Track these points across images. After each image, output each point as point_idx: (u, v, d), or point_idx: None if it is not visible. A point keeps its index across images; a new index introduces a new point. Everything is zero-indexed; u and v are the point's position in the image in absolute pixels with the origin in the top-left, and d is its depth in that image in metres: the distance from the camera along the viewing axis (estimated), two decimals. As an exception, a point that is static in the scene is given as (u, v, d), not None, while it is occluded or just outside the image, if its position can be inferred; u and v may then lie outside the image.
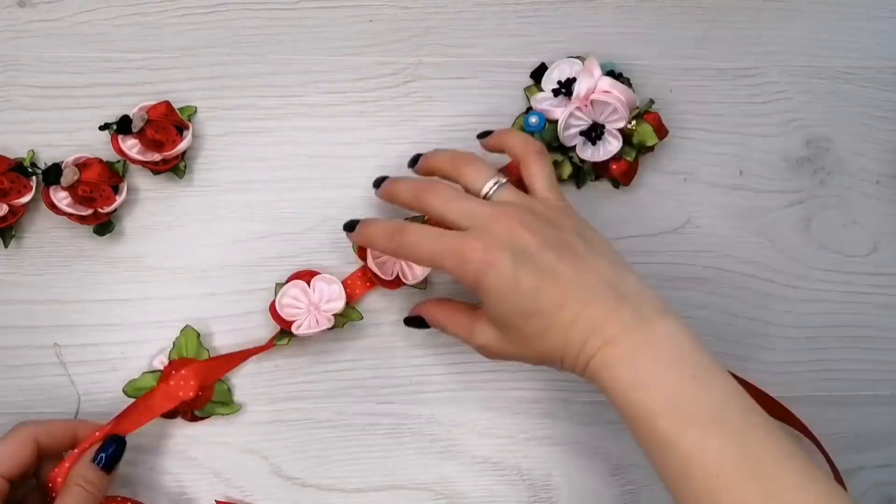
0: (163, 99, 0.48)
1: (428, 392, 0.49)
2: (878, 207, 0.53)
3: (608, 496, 0.50)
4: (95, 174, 0.45)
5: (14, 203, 0.46)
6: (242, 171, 0.49)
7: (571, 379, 0.50)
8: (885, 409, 0.53)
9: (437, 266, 0.40)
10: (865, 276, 0.53)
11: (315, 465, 0.48)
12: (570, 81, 0.49)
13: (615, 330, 0.38)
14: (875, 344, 0.53)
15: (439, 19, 0.51)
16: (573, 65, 0.49)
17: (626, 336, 0.37)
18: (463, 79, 0.51)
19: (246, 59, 0.50)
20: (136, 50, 0.49)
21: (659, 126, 0.49)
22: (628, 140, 0.49)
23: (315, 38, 0.50)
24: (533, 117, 0.48)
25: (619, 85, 0.48)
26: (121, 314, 0.48)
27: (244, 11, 0.50)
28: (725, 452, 0.35)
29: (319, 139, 0.50)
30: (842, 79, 0.54)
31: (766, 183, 0.52)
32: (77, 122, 0.48)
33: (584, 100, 0.48)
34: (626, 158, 0.49)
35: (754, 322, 0.52)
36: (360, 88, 0.50)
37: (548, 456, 0.50)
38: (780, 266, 0.52)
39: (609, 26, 0.52)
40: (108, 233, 0.47)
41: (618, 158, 0.49)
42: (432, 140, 0.50)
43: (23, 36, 0.49)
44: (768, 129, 0.53)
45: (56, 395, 0.47)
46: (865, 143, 0.53)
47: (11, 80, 0.48)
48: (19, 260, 0.48)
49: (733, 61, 0.53)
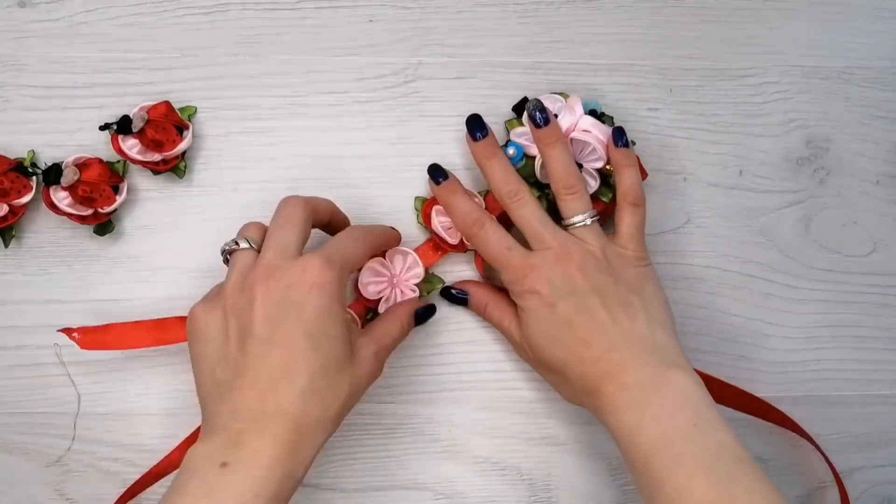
0: (163, 99, 0.48)
1: (428, 392, 0.49)
2: (878, 207, 0.53)
3: (608, 496, 0.50)
4: (95, 174, 0.45)
5: (14, 203, 0.46)
6: (242, 171, 0.49)
7: (571, 379, 0.50)
8: (885, 409, 0.53)
9: (495, 268, 0.46)
10: (865, 276, 0.53)
11: (315, 464, 0.48)
12: None
13: (631, 378, 0.41)
14: (875, 344, 0.53)
15: (439, 19, 0.51)
16: (556, 101, 0.48)
17: (639, 385, 0.40)
18: (463, 79, 0.51)
19: (246, 59, 0.50)
20: (137, 50, 0.49)
21: (639, 168, 0.48)
22: (606, 181, 0.48)
23: (315, 38, 0.50)
24: (511, 149, 0.47)
25: (599, 125, 0.47)
26: (120, 314, 0.48)
27: (244, 11, 0.50)
28: (709, 494, 0.36)
29: (320, 139, 0.50)
30: (842, 79, 0.54)
31: (765, 183, 0.53)
32: (77, 122, 0.48)
33: None
34: (602, 199, 0.48)
35: (754, 322, 0.52)
36: (360, 88, 0.50)
37: (548, 456, 0.50)
38: (780, 266, 0.52)
39: (609, 26, 0.52)
40: (109, 233, 0.47)
41: (594, 199, 0.47)
42: (432, 140, 0.50)
43: (23, 36, 0.49)
44: (768, 129, 0.53)
45: (56, 395, 0.47)
46: (865, 143, 0.53)
47: (12, 80, 0.48)
48: (19, 260, 0.48)
49: (733, 61, 0.53)
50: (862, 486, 0.52)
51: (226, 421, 0.38)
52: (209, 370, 0.39)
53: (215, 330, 0.40)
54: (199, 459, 0.37)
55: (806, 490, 0.52)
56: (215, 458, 0.36)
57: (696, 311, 0.51)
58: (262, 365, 0.38)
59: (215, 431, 0.38)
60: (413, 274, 0.48)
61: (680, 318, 0.51)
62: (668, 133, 0.52)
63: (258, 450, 0.37)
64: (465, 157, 0.50)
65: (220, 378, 0.39)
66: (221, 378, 0.39)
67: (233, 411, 0.38)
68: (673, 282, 0.51)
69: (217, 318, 0.40)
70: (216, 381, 0.39)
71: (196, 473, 0.36)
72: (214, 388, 0.39)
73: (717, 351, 0.51)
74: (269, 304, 0.39)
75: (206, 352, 0.40)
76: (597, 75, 0.52)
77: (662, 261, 0.51)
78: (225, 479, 0.36)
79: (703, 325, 0.51)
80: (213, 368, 0.39)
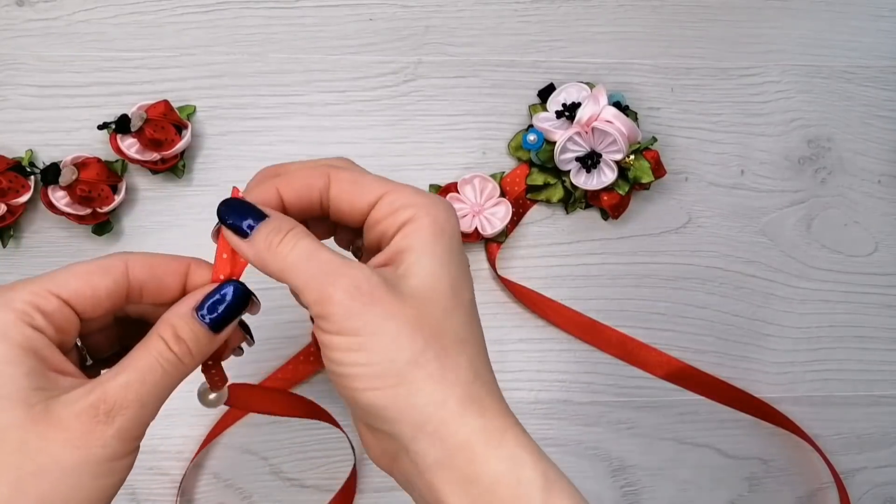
0: (162, 98, 0.47)
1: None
2: (880, 207, 0.53)
3: (608, 497, 0.50)
4: (94, 174, 0.45)
5: (12, 203, 0.45)
6: (242, 170, 0.49)
7: (571, 380, 0.50)
8: (885, 409, 0.52)
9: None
10: (866, 275, 0.53)
11: (315, 465, 0.48)
12: (575, 106, 0.48)
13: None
14: (875, 344, 0.53)
15: (439, 18, 0.51)
16: (581, 90, 0.49)
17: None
18: (463, 78, 0.51)
19: (245, 57, 0.50)
20: (135, 49, 0.49)
21: (657, 164, 0.48)
22: (624, 173, 0.48)
23: (315, 37, 0.50)
24: (532, 135, 0.48)
25: (622, 117, 0.47)
26: (119, 314, 0.47)
27: (243, 10, 0.50)
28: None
29: (319, 138, 0.49)
30: (843, 78, 0.54)
31: (767, 182, 0.52)
32: (75, 122, 0.48)
33: (585, 125, 0.47)
34: (618, 191, 0.48)
35: (755, 322, 0.52)
36: (359, 87, 0.50)
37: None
38: (781, 266, 0.52)
39: (609, 25, 0.52)
40: (107, 232, 0.47)
41: (609, 190, 0.49)
42: (432, 139, 0.50)
43: (21, 35, 0.48)
44: (769, 128, 0.53)
45: (55, 395, 0.47)
46: (867, 143, 0.53)
47: (10, 80, 0.48)
48: (17, 260, 0.47)
49: (734, 60, 0.53)
50: (864, 487, 0.52)
51: None
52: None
53: None
54: None
55: (807, 490, 0.52)
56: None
57: (696, 311, 0.51)
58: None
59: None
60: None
61: (680, 318, 0.51)
62: (669, 132, 0.52)
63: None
64: (465, 155, 0.50)
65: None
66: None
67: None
68: (674, 281, 0.51)
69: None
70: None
71: None
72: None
73: (717, 351, 0.51)
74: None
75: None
76: (597, 75, 0.51)
77: (663, 260, 0.51)
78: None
79: (704, 325, 0.51)
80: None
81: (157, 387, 0.27)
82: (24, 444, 0.24)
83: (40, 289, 0.26)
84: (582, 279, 0.50)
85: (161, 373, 0.27)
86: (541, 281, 0.50)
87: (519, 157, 0.50)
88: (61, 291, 0.27)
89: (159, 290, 0.29)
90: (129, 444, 0.26)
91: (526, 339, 0.50)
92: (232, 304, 0.28)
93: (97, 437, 0.25)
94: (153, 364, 0.27)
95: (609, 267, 0.51)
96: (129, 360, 0.27)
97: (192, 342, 0.28)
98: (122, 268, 0.28)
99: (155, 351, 0.27)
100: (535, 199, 0.50)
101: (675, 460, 0.51)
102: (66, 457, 0.25)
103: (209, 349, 0.28)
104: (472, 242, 0.49)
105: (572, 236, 0.51)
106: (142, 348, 0.27)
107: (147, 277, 0.29)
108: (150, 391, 0.26)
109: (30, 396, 0.25)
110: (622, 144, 0.47)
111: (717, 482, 0.51)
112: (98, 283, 0.27)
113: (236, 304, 0.29)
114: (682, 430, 0.51)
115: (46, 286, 0.27)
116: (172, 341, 0.27)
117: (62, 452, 0.25)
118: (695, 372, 0.50)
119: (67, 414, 0.25)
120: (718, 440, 0.51)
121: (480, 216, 0.48)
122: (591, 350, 0.50)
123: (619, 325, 0.50)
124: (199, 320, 0.28)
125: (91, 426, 0.25)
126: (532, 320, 0.50)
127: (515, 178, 0.49)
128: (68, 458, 0.25)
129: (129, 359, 0.27)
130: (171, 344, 0.27)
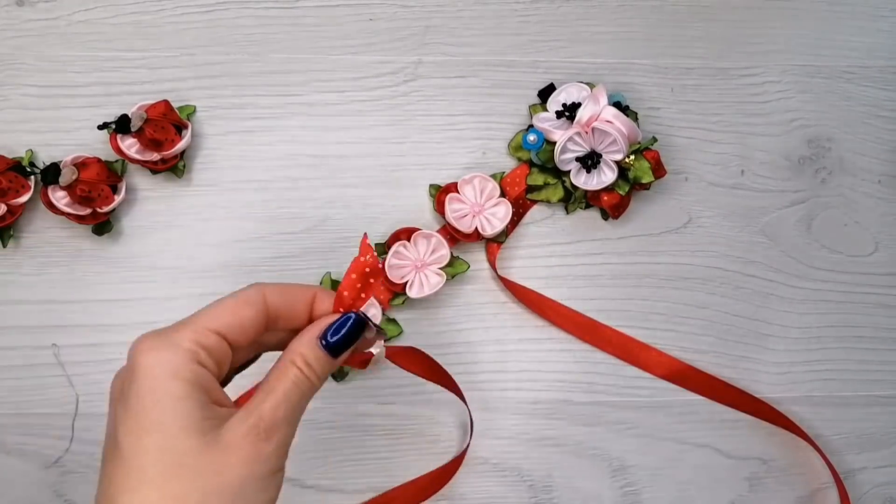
0: (162, 98, 0.47)
1: (429, 393, 0.49)
2: (880, 207, 0.53)
3: (609, 497, 0.50)
4: (94, 174, 0.45)
5: (12, 203, 0.45)
6: (242, 170, 0.49)
7: (571, 380, 0.50)
8: (886, 409, 0.52)
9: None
10: (867, 276, 0.53)
11: (315, 465, 0.48)
12: (575, 106, 0.48)
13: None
14: (875, 344, 0.53)
15: (439, 18, 0.51)
16: (581, 90, 0.49)
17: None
18: (463, 78, 0.51)
19: (245, 57, 0.49)
20: (135, 49, 0.49)
21: (657, 165, 0.48)
22: (624, 174, 0.48)
23: (314, 37, 0.50)
24: (532, 135, 0.48)
25: (622, 117, 0.47)
26: (119, 314, 0.47)
27: (243, 10, 0.50)
28: None
29: (319, 138, 0.49)
30: (843, 78, 0.54)
31: (767, 182, 0.52)
32: (75, 122, 0.48)
33: (585, 126, 0.47)
34: (618, 191, 0.48)
35: (755, 322, 0.52)
36: (359, 87, 0.50)
37: (548, 457, 0.50)
38: (782, 266, 0.52)
39: (609, 25, 0.52)
40: (107, 232, 0.47)
41: (610, 190, 0.48)
42: (432, 139, 0.50)
43: (21, 35, 0.48)
44: (769, 128, 0.53)
45: (54, 395, 0.47)
46: (867, 143, 0.53)
47: (10, 80, 0.48)
48: (18, 260, 0.47)
49: (734, 60, 0.53)
50: (864, 487, 0.52)
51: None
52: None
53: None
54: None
55: (807, 490, 0.52)
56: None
57: (697, 311, 0.51)
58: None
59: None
60: (438, 257, 0.47)
61: (680, 317, 0.51)
62: (669, 132, 0.52)
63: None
64: (465, 155, 0.50)
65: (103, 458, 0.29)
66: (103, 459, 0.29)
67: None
68: (674, 281, 0.51)
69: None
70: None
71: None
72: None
73: (717, 351, 0.51)
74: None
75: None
76: (597, 75, 0.51)
77: (663, 260, 0.51)
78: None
79: (704, 325, 0.51)
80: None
81: (298, 406, 0.31)
82: (203, 468, 0.28)
83: (200, 327, 0.30)
84: (582, 279, 0.50)
85: (299, 394, 0.31)
86: (541, 281, 0.50)
87: (519, 157, 0.50)
88: (218, 327, 0.30)
89: (291, 317, 0.33)
90: (282, 459, 0.30)
91: (526, 339, 0.50)
92: (347, 333, 0.32)
93: (261, 454, 0.29)
94: (292, 387, 0.30)
95: (609, 267, 0.51)
96: (270, 385, 0.30)
97: (318, 366, 0.32)
98: (261, 298, 0.32)
99: (292, 375, 0.31)
100: (535, 199, 0.50)
101: (675, 460, 0.51)
102: (236, 475, 0.28)
103: (332, 369, 0.32)
104: (472, 242, 0.49)
105: (572, 236, 0.51)
106: (279, 375, 0.31)
107: (281, 305, 0.32)
108: (293, 410, 0.31)
109: (203, 427, 0.28)
110: (622, 144, 0.47)
111: (717, 482, 0.51)
112: (245, 314, 0.31)
113: (352, 333, 0.32)
114: (682, 430, 0.51)
115: (205, 324, 0.30)
116: (304, 367, 0.31)
117: (233, 472, 0.28)
118: (695, 372, 0.50)
119: (234, 437, 0.29)
120: (718, 440, 0.51)
121: (480, 216, 0.48)
122: (591, 350, 0.50)
123: (619, 325, 0.50)
124: (322, 348, 0.32)
125: (255, 445, 0.29)
126: (532, 320, 0.50)
127: (515, 178, 0.49)
128: (238, 477, 0.28)
129: (269, 384, 0.31)
130: (304, 369, 0.31)
